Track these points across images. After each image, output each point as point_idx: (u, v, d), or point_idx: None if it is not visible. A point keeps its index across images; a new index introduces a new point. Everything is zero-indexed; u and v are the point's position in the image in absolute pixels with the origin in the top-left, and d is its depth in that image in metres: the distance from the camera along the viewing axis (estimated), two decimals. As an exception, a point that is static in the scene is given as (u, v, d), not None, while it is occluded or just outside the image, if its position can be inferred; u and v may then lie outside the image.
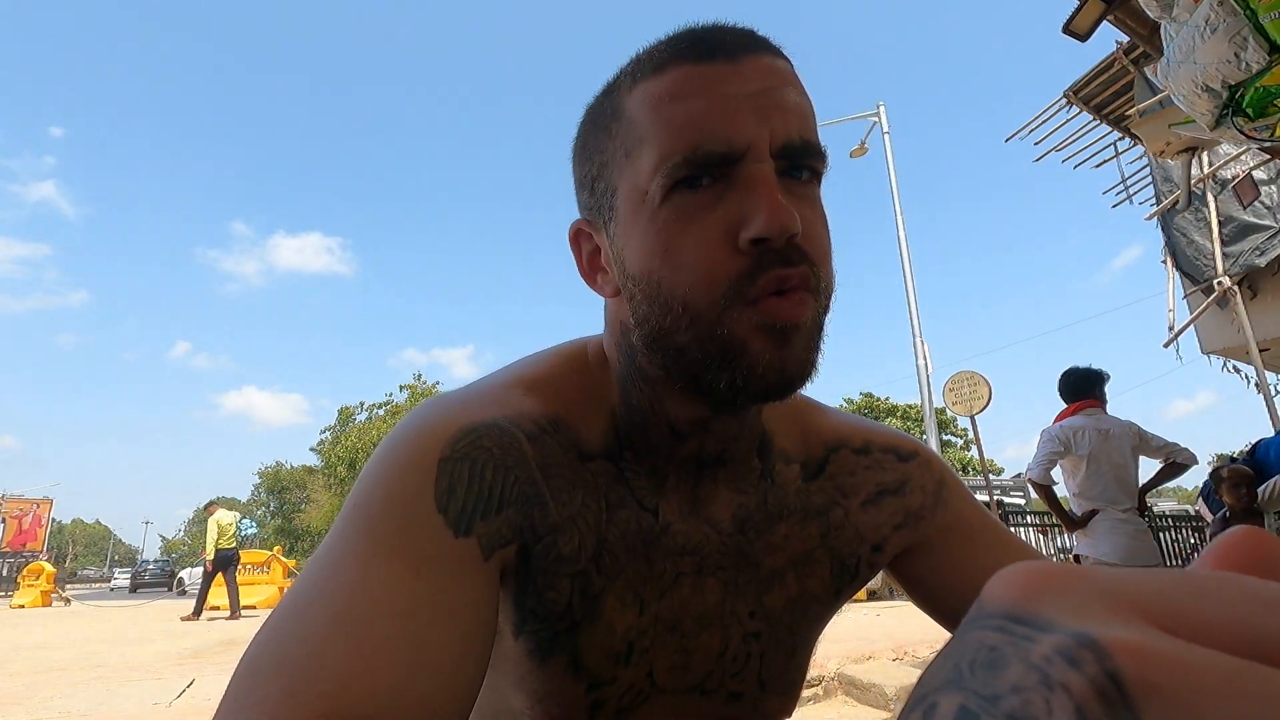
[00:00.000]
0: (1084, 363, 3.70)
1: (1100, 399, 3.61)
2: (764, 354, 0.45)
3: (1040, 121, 6.31)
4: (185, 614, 8.94)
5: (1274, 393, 5.52)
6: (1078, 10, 3.00)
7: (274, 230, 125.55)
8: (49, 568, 14.40)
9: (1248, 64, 1.77)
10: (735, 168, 0.45)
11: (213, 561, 8.88)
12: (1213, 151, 5.57)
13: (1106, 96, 5.54)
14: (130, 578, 31.94)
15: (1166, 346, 6.27)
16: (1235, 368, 6.68)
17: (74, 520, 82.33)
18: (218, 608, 11.10)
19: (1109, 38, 4.79)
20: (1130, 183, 7.13)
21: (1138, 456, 3.47)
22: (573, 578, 0.51)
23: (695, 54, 0.47)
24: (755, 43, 0.48)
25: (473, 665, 0.41)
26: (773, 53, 0.49)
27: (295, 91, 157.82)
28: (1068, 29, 3.07)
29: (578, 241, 0.56)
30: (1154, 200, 6.83)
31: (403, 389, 27.04)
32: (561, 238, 0.57)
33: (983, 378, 7.14)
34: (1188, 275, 6.33)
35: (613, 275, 0.52)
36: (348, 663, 0.36)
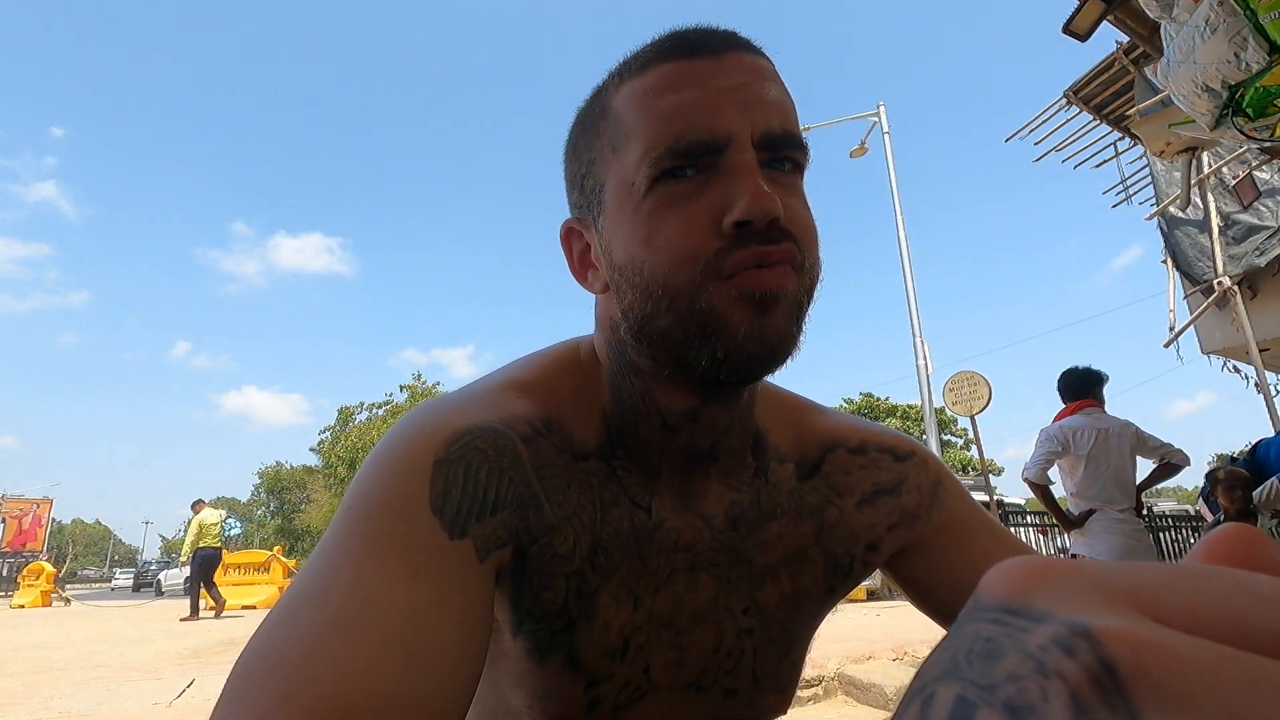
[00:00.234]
0: (1084, 363, 3.71)
1: (1099, 399, 3.61)
2: (743, 324, 0.46)
3: (1040, 121, 6.30)
4: (185, 615, 8.98)
5: (1274, 393, 5.52)
6: (1078, 10, 3.00)
7: (274, 230, 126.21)
8: (49, 568, 14.42)
9: (1248, 64, 1.77)
10: (718, 158, 0.47)
11: (192, 560, 8.93)
12: (1213, 151, 5.56)
13: (1106, 96, 5.53)
14: (133, 577, 32.02)
15: (1166, 346, 6.27)
16: (1235, 368, 6.69)
17: (74, 520, 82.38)
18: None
19: (1109, 38, 4.79)
20: (1130, 183, 7.14)
21: (1135, 456, 3.49)
22: (568, 577, 0.51)
23: (679, 51, 0.49)
24: (737, 42, 0.50)
25: (468, 666, 0.41)
26: (754, 51, 0.50)
27: (296, 92, 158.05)
28: (1068, 29, 3.06)
29: (569, 240, 0.57)
30: (1154, 200, 6.84)
31: (403, 389, 27.05)
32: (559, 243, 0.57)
33: (983, 378, 7.13)
34: (1188, 275, 6.33)
35: (602, 271, 0.53)
36: (343, 664, 0.36)
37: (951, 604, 0.60)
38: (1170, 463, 3.55)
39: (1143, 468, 3.55)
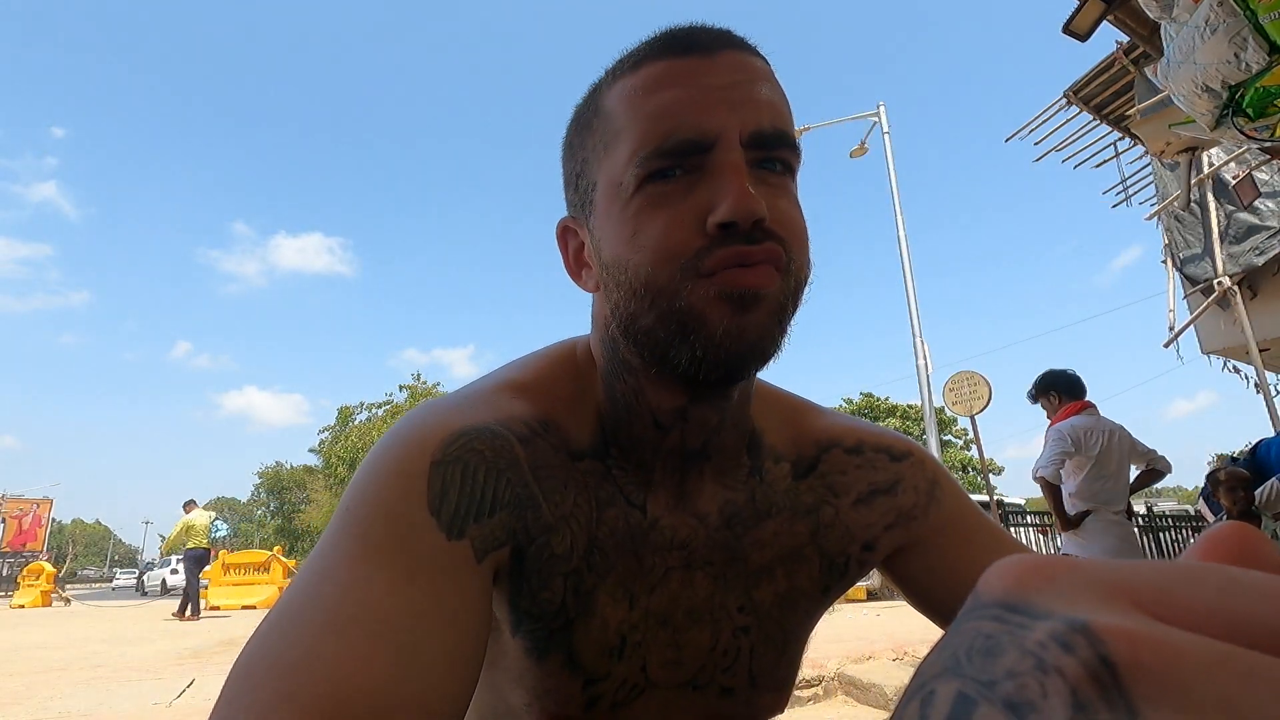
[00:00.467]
0: (1085, 363, 3.74)
1: (1089, 400, 3.62)
2: (722, 322, 0.46)
3: (1040, 121, 6.30)
4: (175, 613, 9.08)
5: (1274, 393, 5.52)
6: (1078, 10, 3.00)
7: (275, 230, 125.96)
8: (49, 568, 14.43)
9: (1248, 64, 1.77)
10: (706, 157, 0.46)
11: (185, 560, 9.13)
12: (1212, 151, 5.56)
13: (1106, 96, 5.53)
14: (136, 578, 32.08)
15: (1166, 346, 6.27)
16: (1235, 368, 6.68)
17: (74, 520, 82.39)
18: (217, 608, 11.12)
19: (1109, 38, 4.79)
20: (1130, 183, 7.13)
21: (1130, 460, 3.50)
22: (565, 577, 0.51)
23: (671, 50, 0.49)
24: (730, 40, 0.50)
25: (466, 667, 0.41)
26: (748, 50, 0.50)
27: (297, 92, 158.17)
28: (1068, 29, 3.07)
29: (564, 239, 0.57)
30: (1154, 200, 6.84)
31: (402, 389, 27.09)
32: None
33: (983, 378, 7.13)
34: (1188, 275, 6.33)
35: (594, 269, 0.53)
36: (342, 665, 0.36)
37: (949, 604, 0.60)
38: (1156, 469, 3.59)
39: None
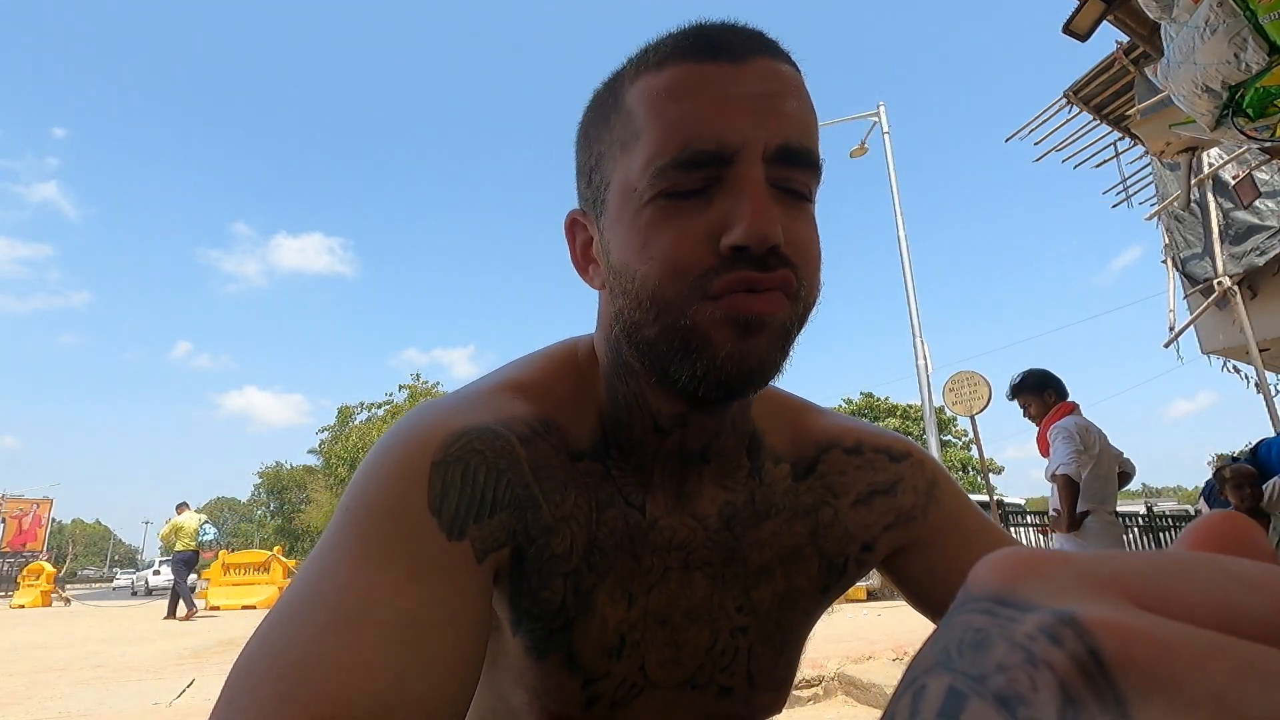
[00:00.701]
0: (1085, 363, 3.78)
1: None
2: (725, 345, 0.46)
3: (1040, 121, 6.30)
4: (182, 614, 9.12)
5: (1274, 393, 5.52)
6: (1078, 10, 3.00)
7: (276, 230, 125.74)
8: (49, 568, 14.43)
9: (1248, 64, 1.77)
10: (726, 169, 0.45)
11: (173, 561, 9.24)
12: (1212, 151, 5.56)
13: (1106, 96, 5.53)
14: (134, 578, 32.12)
15: (1166, 346, 6.28)
16: (1235, 368, 6.68)
17: (74, 520, 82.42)
18: (217, 608, 11.13)
19: (1109, 38, 4.79)
20: (1130, 183, 7.13)
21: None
22: (565, 577, 0.51)
23: (698, 52, 0.47)
24: (762, 45, 0.48)
25: (467, 667, 0.41)
26: (779, 58, 0.48)
27: (298, 92, 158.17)
28: (1068, 29, 3.07)
29: (572, 231, 0.56)
30: (1154, 200, 6.84)
31: (402, 389, 27.12)
32: (563, 238, 0.57)
33: (983, 378, 7.12)
34: (1188, 275, 6.33)
35: (602, 268, 0.52)
36: (342, 665, 0.36)
37: (949, 604, 0.60)
38: (1126, 471, 3.59)
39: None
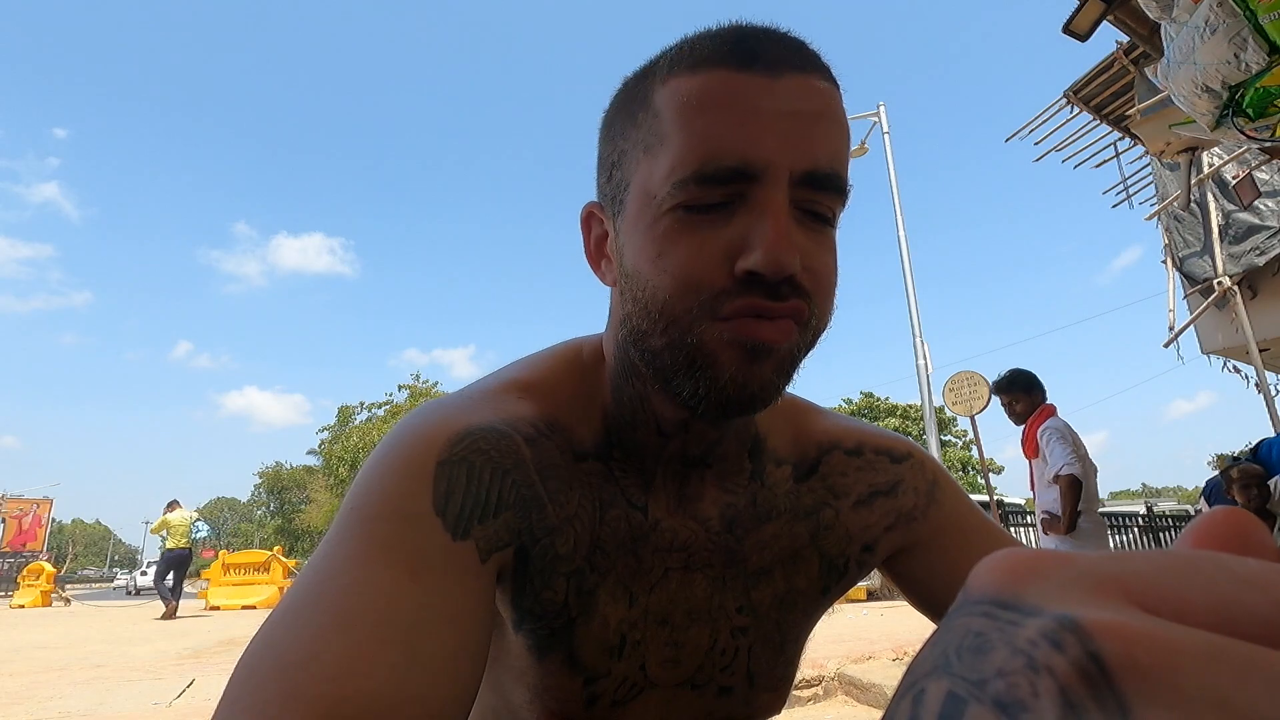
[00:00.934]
0: (1084, 363, 3.77)
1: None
2: (729, 367, 0.45)
3: (1040, 121, 6.30)
4: (163, 613, 9.13)
5: (1274, 393, 5.52)
6: (1078, 10, 3.00)
7: (276, 231, 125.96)
8: (49, 568, 14.42)
9: (1247, 64, 1.77)
10: (749, 187, 0.44)
11: (160, 560, 9.22)
12: (1212, 151, 5.56)
13: (1106, 96, 5.53)
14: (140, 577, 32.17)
15: (1166, 346, 6.29)
16: (1235, 368, 6.69)
17: (74, 520, 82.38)
18: (217, 608, 11.12)
19: (1109, 38, 4.79)
20: (1130, 183, 7.14)
21: None
22: (568, 577, 0.52)
23: (734, 60, 0.45)
24: (801, 59, 0.46)
25: (470, 667, 0.41)
26: (818, 73, 0.46)
27: (299, 92, 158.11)
28: (1068, 29, 3.07)
29: (588, 224, 0.55)
30: (1154, 200, 6.84)
31: (402, 389, 27.12)
32: (563, 238, 0.57)
33: (982, 378, 7.12)
34: (1188, 275, 6.33)
35: (615, 267, 0.52)
36: (346, 665, 0.36)
37: (949, 605, 0.60)
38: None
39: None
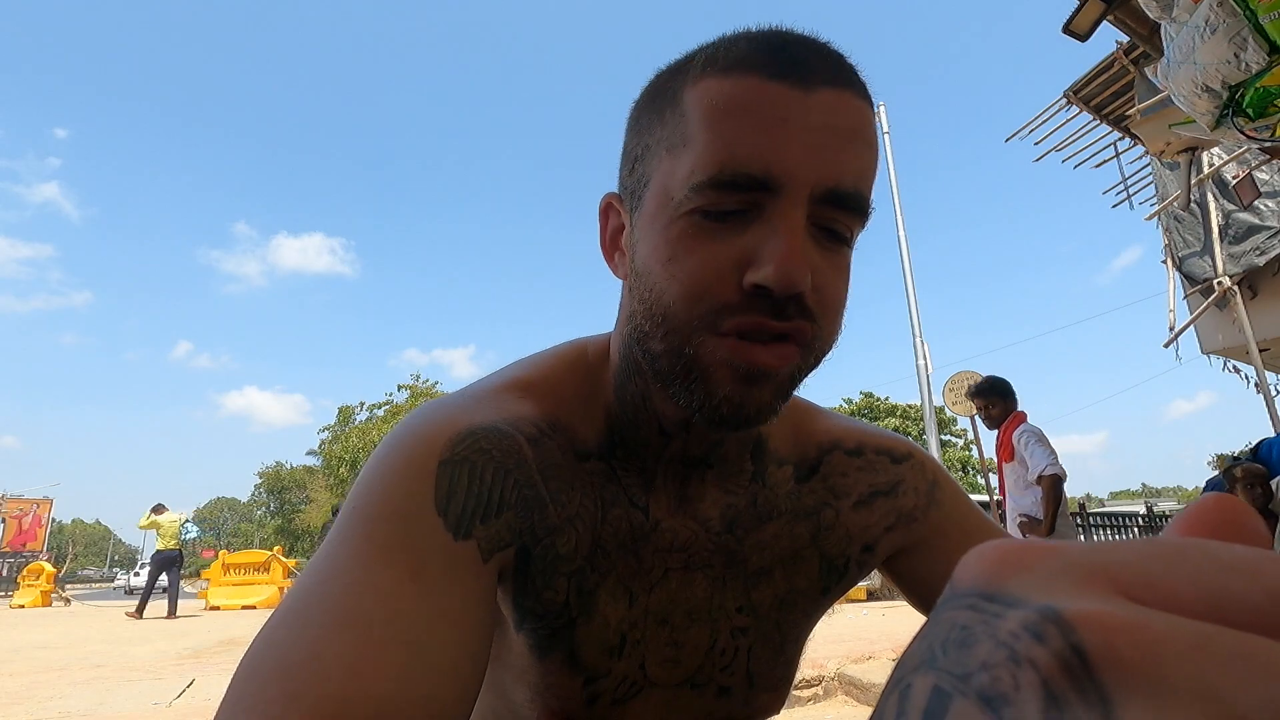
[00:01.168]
0: (1085, 363, 3.78)
1: None
2: (724, 387, 0.45)
3: (1040, 121, 6.31)
4: (131, 610, 9.21)
5: (1274, 393, 5.53)
6: (1078, 10, 3.01)
7: (276, 231, 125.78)
8: (49, 568, 14.41)
9: (1247, 64, 1.77)
10: (768, 199, 0.44)
11: (152, 561, 9.30)
12: (1212, 151, 5.56)
13: (1106, 96, 5.54)
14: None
15: (1166, 346, 6.28)
16: (1235, 368, 6.69)
17: (74, 520, 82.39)
18: (218, 608, 11.12)
19: (1109, 38, 4.79)
20: (1130, 183, 7.14)
21: None
22: (569, 576, 0.52)
23: (768, 67, 0.44)
24: (836, 73, 0.45)
25: (472, 666, 0.41)
26: (852, 88, 0.45)
27: (299, 92, 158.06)
28: (1068, 29, 3.07)
29: (606, 215, 0.55)
30: (1154, 200, 6.84)
31: (402, 389, 27.14)
32: (563, 239, 0.57)
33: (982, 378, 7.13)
34: (1188, 275, 6.33)
35: (628, 262, 0.52)
36: (348, 665, 0.36)
37: None
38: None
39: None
